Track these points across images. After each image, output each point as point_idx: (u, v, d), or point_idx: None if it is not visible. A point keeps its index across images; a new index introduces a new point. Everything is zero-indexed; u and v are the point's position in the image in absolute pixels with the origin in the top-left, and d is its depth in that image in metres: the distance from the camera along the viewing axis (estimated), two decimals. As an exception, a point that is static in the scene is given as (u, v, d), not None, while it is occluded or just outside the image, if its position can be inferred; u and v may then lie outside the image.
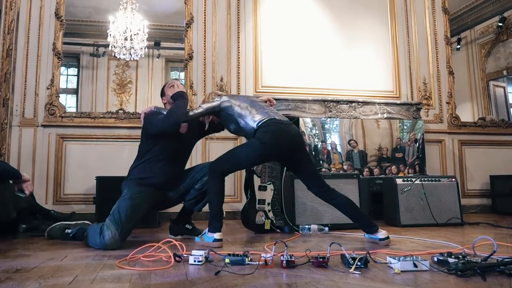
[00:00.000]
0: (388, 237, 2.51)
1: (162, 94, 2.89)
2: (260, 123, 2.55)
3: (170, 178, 2.71)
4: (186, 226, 2.89)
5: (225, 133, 4.22)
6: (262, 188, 3.19)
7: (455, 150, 4.93)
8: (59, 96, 4.22)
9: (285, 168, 3.43)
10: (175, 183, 2.75)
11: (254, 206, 3.15)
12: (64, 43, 4.34)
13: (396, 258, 1.74)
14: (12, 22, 4.18)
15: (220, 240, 2.47)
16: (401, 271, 1.67)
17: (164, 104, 2.89)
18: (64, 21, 4.31)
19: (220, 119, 2.78)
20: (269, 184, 3.24)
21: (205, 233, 2.55)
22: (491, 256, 1.72)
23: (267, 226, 3.14)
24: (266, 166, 3.28)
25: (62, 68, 4.47)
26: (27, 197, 3.01)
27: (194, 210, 2.83)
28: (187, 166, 2.95)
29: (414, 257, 1.74)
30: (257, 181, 3.24)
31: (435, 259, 1.85)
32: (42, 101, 4.15)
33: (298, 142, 2.67)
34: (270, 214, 3.18)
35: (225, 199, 4.21)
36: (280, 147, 2.56)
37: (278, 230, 3.18)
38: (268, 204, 3.20)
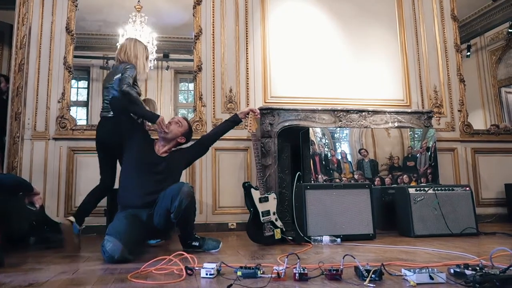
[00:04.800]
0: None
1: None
2: None
3: (141, 194, 2.68)
4: (193, 243, 2.77)
5: (235, 143, 4.31)
6: (263, 200, 3.08)
7: (468, 158, 4.86)
8: (70, 109, 4.26)
9: (296, 178, 3.39)
10: (149, 201, 2.68)
11: (258, 220, 3.02)
12: (75, 57, 4.38)
13: (411, 270, 1.70)
14: (24, 37, 4.25)
15: None
16: (417, 284, 1.63)
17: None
18: (74, 35, 4.37)
19: None
20: (270, 194, 3.15)
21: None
22: (510, 268, 1.68)
23: (278, 236, 3.05)
24: (263, 177, 3.19)
25: (73, 81, 4.52)
26: (38, 210, 3.02)
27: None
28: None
29: (430, 269, 1.69)
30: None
31: (452, 271, 1.80)
32: (53, 114, 4.20)
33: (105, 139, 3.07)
34: (279, 223, 3.09)
35: (236, 210, 4.29)
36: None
37: (290, 238, 3.10)
38: (274, 213, 3.09)
